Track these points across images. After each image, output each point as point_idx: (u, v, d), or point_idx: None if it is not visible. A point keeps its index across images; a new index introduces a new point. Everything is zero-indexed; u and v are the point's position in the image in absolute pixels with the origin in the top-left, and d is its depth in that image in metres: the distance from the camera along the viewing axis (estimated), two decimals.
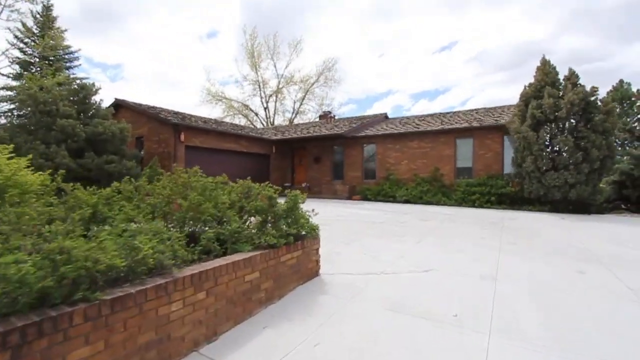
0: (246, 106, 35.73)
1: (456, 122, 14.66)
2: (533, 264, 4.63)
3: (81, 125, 9.99)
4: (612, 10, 38.98)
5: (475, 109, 16.87)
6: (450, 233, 6.97)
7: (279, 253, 3.39)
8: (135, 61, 48.94)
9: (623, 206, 13.70)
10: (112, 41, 43.71)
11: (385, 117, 20.12)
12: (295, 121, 34.52)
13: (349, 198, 15.75)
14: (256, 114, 36.17)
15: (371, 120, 18.59)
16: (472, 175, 13.64)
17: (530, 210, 11.33)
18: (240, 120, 35.39)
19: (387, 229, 7.35)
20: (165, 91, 50.49)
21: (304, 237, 3.81)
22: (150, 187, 3.99)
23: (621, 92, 23.87)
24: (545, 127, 11.26)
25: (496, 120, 13.41)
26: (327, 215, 9.45)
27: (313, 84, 34.77)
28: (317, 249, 4.08)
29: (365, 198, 15.27)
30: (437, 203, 13.23)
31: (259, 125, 33.82)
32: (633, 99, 10.81)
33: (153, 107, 14.53)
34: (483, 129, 13.38)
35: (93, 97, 11.54)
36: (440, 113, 17.91)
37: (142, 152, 13.68)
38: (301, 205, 3.85)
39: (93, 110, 11.00)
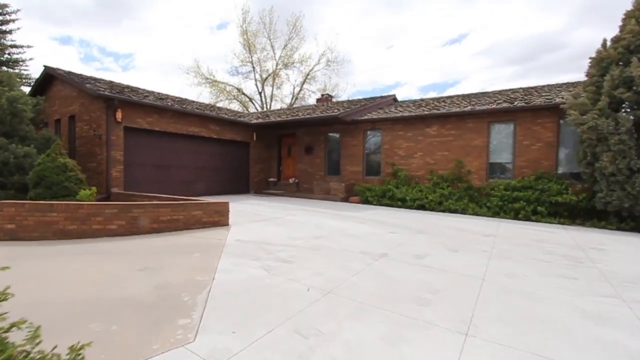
0: (239, 89, 32.30)
1: (490, 103, 11.06)
2: None
3: None
4: (624, 4, 34.95)
5: (512, 89, 13.16)
6: (521, 294, 3.52)
7: None
8: (146, 50, 46.86)
9: None
10: (124, 30, 41.26)
11: (393, 99, 16.47)
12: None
13: (346, 199, 12.37)
14: (251, 100, 32.75)
15: (376, 102, 14.95)
16: (512, 174, 10.09)
17: (605, 228, 7.79)
18: (234, 107, 32.03)
19: (392, 275, 3.99)
20: (175, 80, 48.02)
21: None
22: None
23: None
24: (626, 108, 7.70)
25: (548, 99, 9.77)
26: (302, 233, 6.12)
27: (314, 66, 31.10)
28: None
29: (366, 200, 11.86)
30: (463, 212, 9.75)
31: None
32: None
33: (86, 77, 11.17)
34: (530, 110, 9.74)
35: None
36: (466, 94, 14.24)
37: (57, 134, 10.47)
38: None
39: None
